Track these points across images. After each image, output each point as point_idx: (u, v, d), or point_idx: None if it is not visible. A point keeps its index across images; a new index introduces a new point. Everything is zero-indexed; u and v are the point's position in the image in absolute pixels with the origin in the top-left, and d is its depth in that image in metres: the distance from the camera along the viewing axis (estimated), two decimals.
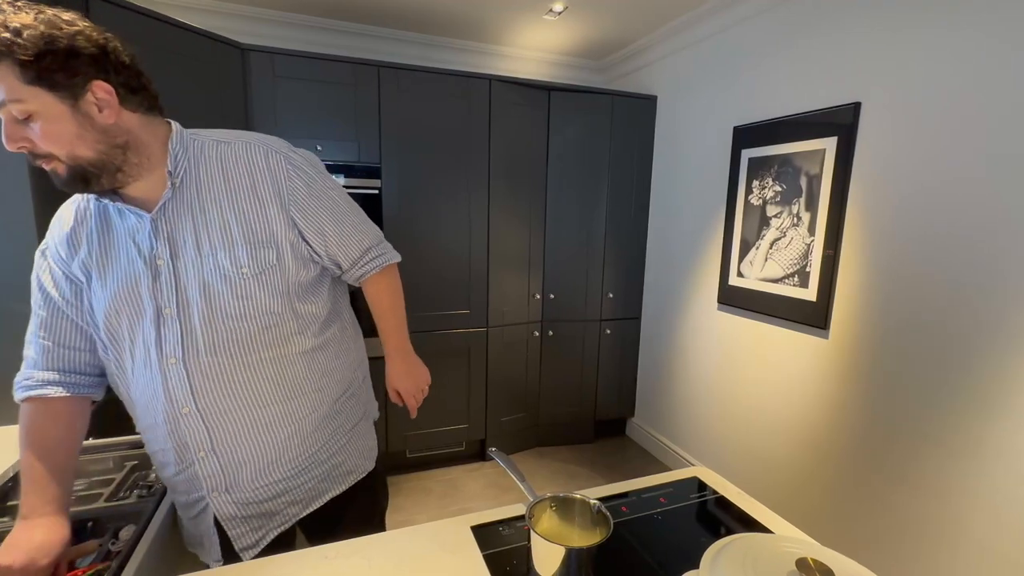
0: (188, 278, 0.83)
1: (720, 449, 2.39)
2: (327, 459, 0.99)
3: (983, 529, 1.37)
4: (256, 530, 0.93)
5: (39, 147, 0.71)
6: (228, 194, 0.86)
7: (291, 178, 0.89)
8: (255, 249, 0.85)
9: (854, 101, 1.69)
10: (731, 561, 0.68)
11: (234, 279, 0.84)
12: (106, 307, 0.82)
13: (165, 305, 0.82)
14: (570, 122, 2.59)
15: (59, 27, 0.68)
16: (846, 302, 1.74)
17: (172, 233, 0.83)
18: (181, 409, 0.84)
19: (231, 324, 0.85)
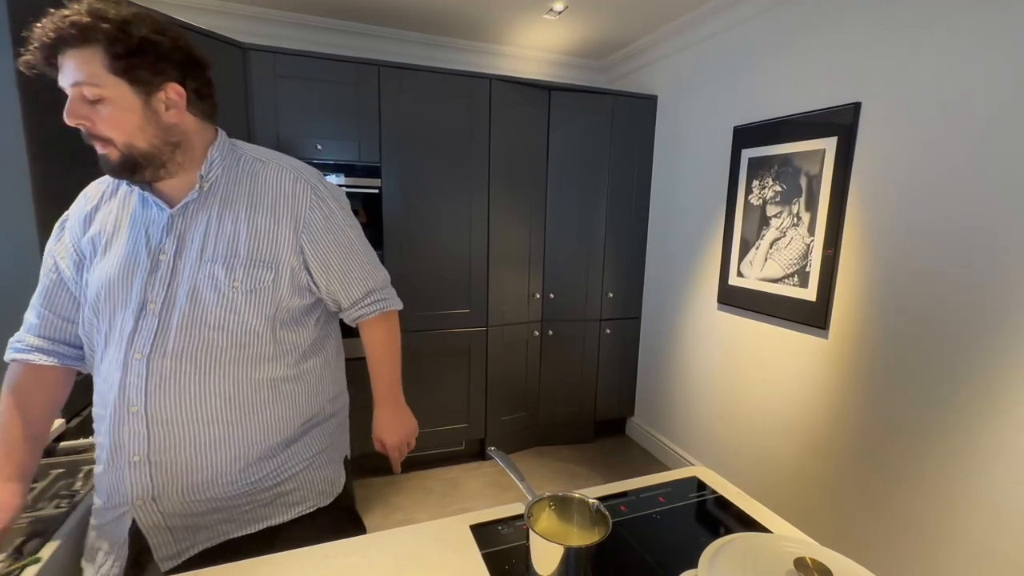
0: (182, 279, 0.83)
1: (720, 449, 2.39)
2: (272, 487, 0.92)
3: (982, 529, 1.37)
4: (180, 541, 0.88)
5: (99, 129, 0.74)
6: (248, 209, 0.87)
7: (312, 207, 0.90)
8: (254, 267, 0.85)
9: (854, 101, 1.69)
10: (729, 560, 0.68)
11: (224, 290, 0.84)
12: (98, 286, 0.84)
13: (151, 299, 0.82)
14: (571, 122, 2.59)
15: (159, 31, 0.75)
16: (846, 302, 1.74)
17: (183, 232, 0.84)
18: (130, 407, 0.81)
19: (207, 334, 0.83)
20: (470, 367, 2.58)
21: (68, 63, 0.72)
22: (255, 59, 2.03)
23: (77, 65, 0.71)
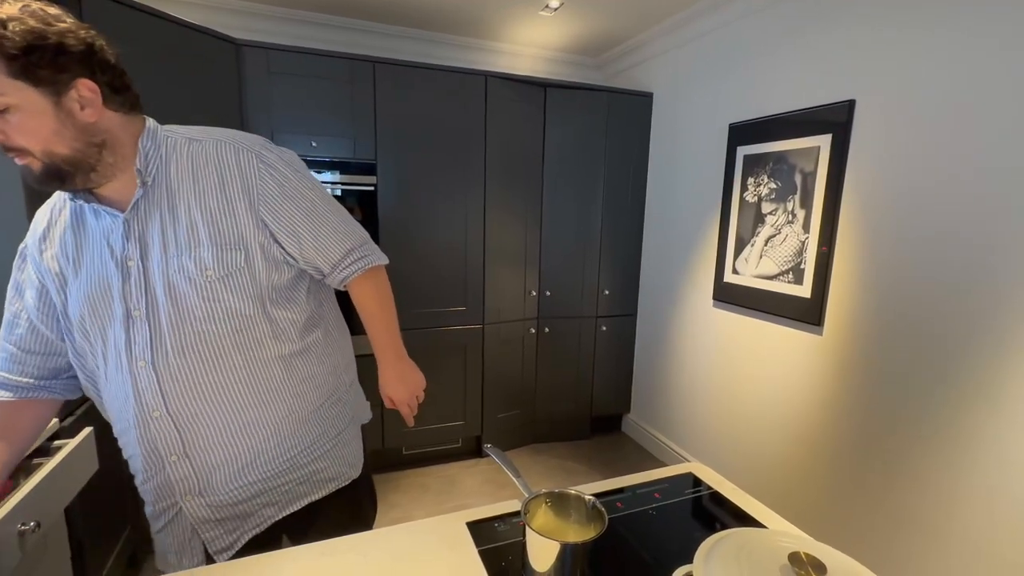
0: (156, 279, 0.81)
1: (715, 445, 2.40)
2: (307, 464, 0.96)
3: (975, 524, 1.39)
4: (231, 532, 0.91)
5: (13, 140, 0.69)
6: (196, 194, 0.83)
7: (262, 177, 0.86)
8: (221, 251, 0.83)
9: (848, 99, 1.69)
10: (724, 556, 0.68)
11: (199, 281, 0.82)
12: (79, 308, 0.82)
13: (135, 307, 0.81)
14: (566, 119, 2.59)
15: (48, 22, 0.67)
16: (840, 299, 1.75)
17: (143, 233, 0.81)
18: (152, 413, 0.83)
19: (199, 327, 0.83)
20: (466, 365, 2.58)
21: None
22: (248, 55, 2.02)
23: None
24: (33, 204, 1.24)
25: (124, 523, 1.70)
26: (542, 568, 0.71)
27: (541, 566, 0.71)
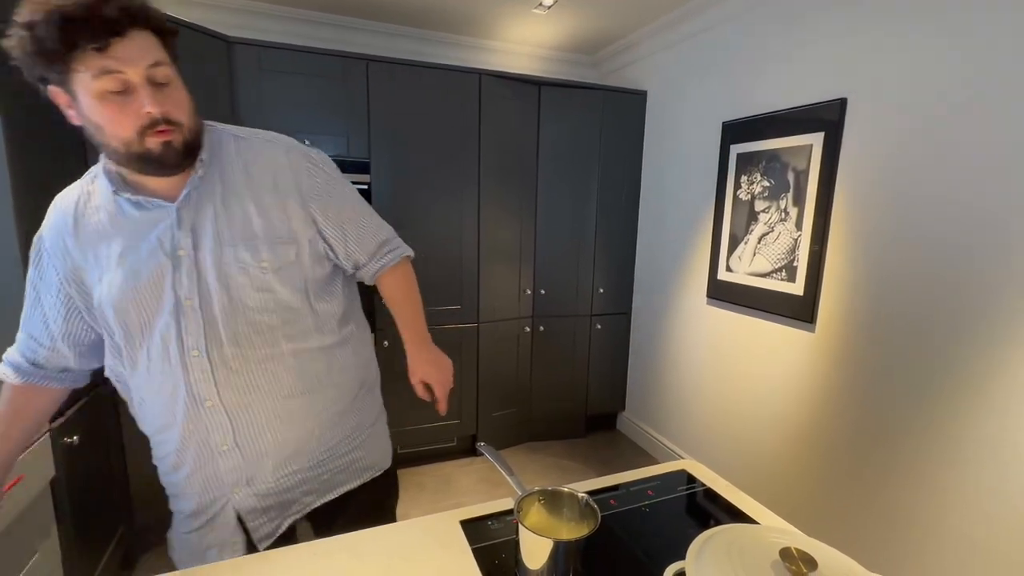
0: (207, 269, 0.82)
1: (710, 442, 2.41)
2: (346, 453, 0.99)
3: (968, 520, 1.40)
4: (273, 520, 0.93)
5: (172, 113, 0.73)
6: (250, 189, 0.85)
7: (312, 175, 0.90)
8: (275, 245, 0.85)
9: (840, 97, 1.70)
10: (716, 552, 0.69)
11: (254, 272, 0.84)
12: (121, 300, 0.80)
13: (186, 296, 0.81)
14: (561, 117, 2.59)
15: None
16: (832, 296, 1.77)
17: (195, 223, 0.82)
18: (205, 403, 0.84)
19: (252, 316, 0.84)
20: (461, 363, 2.58)
21: (130, 46, 0.67)
22: (240, 52, 2.00)
23: (144, 47, 0.69)
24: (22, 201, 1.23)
25: (116, 524, 1.69)
26: (535, 565, 0.71)
27: (534, 563, 0.71)
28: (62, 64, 0.66)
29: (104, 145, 0.73)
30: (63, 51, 0.64)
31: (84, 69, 0.66)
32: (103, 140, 0.72)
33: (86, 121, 0.71)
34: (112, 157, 0.76)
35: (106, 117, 0.69)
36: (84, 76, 0.66)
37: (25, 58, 0.66)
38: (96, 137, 0.72)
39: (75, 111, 0.71)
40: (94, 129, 0.71)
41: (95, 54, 0.65)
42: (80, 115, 0.71)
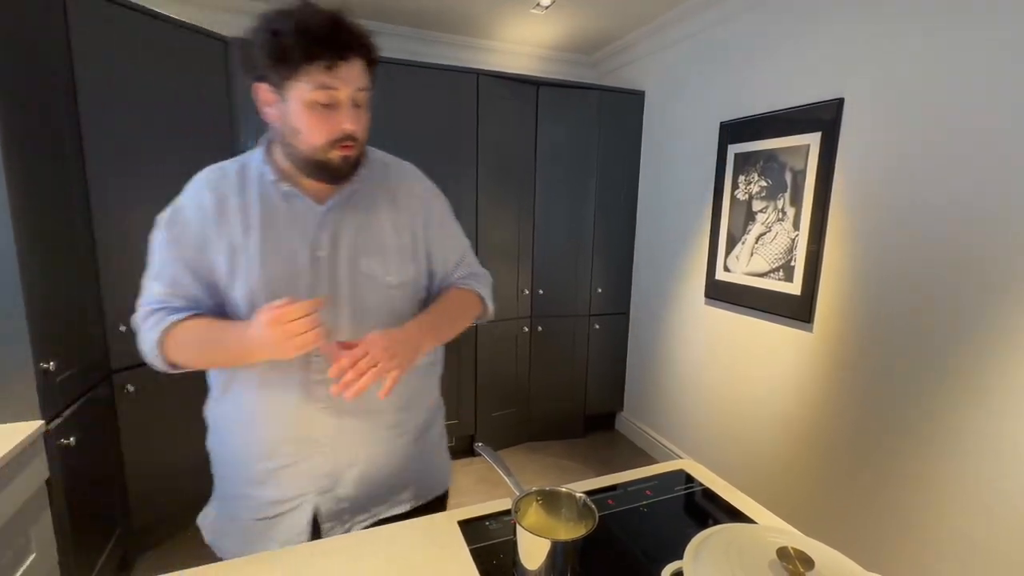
0: (342, 273, 0.85)
1: (708, 442, 2.42)
2: (422, 470, 1.01)
3: (966, 519, 1.40)
4: (344, 524, 0.94)
5: (359, 133, 0.80)
6: (391, 208, 0.90)
7: (434, 200, 0.98)
8: (403, 262, 0.91)
9: (837, 97, 1.70)
10: (714, 551, 0.69)
11: (381, 283, 0.88)
12: (258, 288, 0.81)
13: (321, 294, 0.83)
14: (559, 117, 2.59)
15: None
16: (830, 296, 1.77)
17: (336, 229, 0.85)
18: (318, 403, 0.85)
19: (372, 325, 0.85)
20: (460, 364, 2.58)
21: (350, 70, 0.75)
22: None
23: (359, 72, 0.76)
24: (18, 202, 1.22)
25: (113, 525, 1.69)
26: (533, 566, 0.71)
27: (532, 564, 0.71)
28: (291, 71, 0.73)
29: (291, 145, 0.79)
30: (300, 63, 0.72)
31: (307, 80, 0.73)
32: (293, 141, 0.78)
33: (284, 122, 0.77)
34: (291, 156, 0.81)
35: (307, 124, 0.76)
36: (303, 86, 0.73)
37: (260, 57, 0.73)
38: (287, 137, 0.79)
39: (275, 110, 0.78)
40: (289, 130, 0.77)
41: (323, 70, 0.73)
42: (280, 115, 0.77)
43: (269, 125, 0.82)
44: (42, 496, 1.26)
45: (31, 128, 1.32)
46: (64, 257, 1.46)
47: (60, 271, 1.43)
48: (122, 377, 1.72)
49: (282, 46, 0.71)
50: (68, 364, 1.42)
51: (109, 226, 1.65)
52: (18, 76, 1.27)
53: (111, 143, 1.63)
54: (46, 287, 1.34)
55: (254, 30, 0.74)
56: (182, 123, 1.83)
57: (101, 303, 1.64)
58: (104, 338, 1.66)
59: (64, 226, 1.47)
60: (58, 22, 1.46)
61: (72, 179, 1.52)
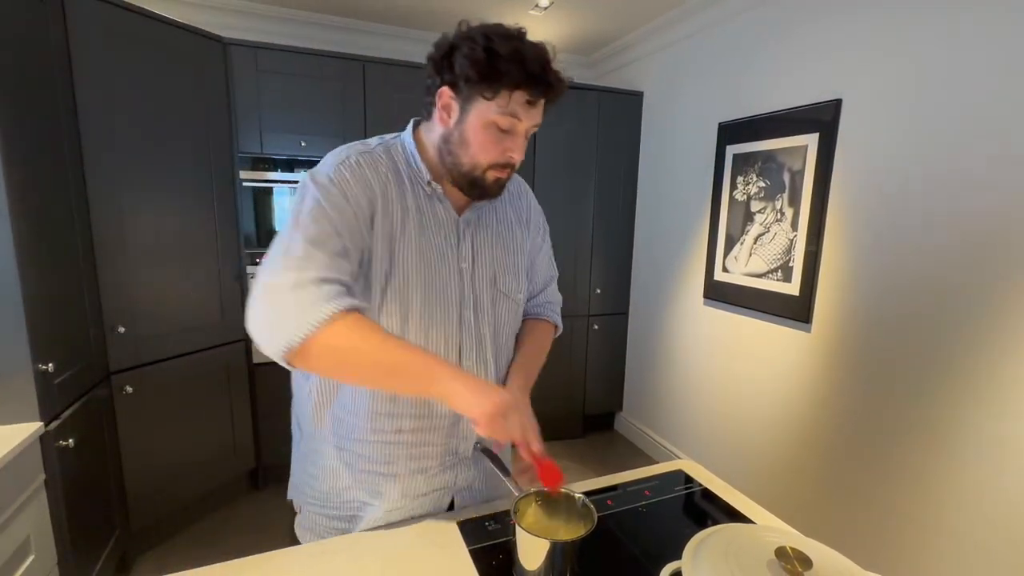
0: (483, 290, 0.86)
1: (707, 442, 2.42)
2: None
3: (963, 518, 1.41)
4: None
5: (519, 162, 0.80)
6: (517, 222, 0.93)
7: (538, 213, 1.01)
8: (522, 275, 0.93)
9: (835, 98, 1.71)
10: (712, 551, 0.69)
11: (513, 302, 0.91)
12: (411, 293, 0.78)
13: (465, 307, 0.84)
14: (558, 117, 2.59)
15: None
16: (828, 296, 1.77)
17: (475, 242, 0.86)
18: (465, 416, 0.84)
19: (504, 341, 0.90)
20: None
21: (539, 107, 0.76)
22: (236, 54, 2.00)
23: (542, 110, 0.77)
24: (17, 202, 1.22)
25: (112, 526, 1.69)
26: (532, 566, 0.71)
27: (531, 564, 0.71)
28: (490, 91, 0.71)
29: (453, 155, 0.78)
30: (504, 88, 0.71)
31: (499, 104, 0.72)
32: (457, 151, 0.77)
33: (456, 131, 0.76)
34: (449, 164, 0.79)
35: (479, 142, 0.75)
36: (492, 106, 0.73)
37: (464, 67, 0.72)
38: (453, 146, 0.77)
39: (451, 117, 0.76)
40: (458, 141, 0.77)
41: (520, 102, 0.73)
42: (454, 124, 0.76)
43: (427, 119, 0.82)
44: (41, 497, 1.26)
45: (30, 130, 1.32)
46: (63, 258, 1.46)
47: (59, 272, 1.43)
48: (120, 378, 1.72)
49: (495, 67, 0.70)
50: (67, 365, 1.42)
51: (108, 227, 1.65)
52: (17, 78, 1.27)
53: (110, 145, 1.63)
54: (45, 288, 1.34)
55: (465, 38, 0.74)
56: (181, 124, 1.83)
57: (100, 304, 1.64)
58: (103, 339, 1.66)
59: (63, 227, 1.47)
60: (57, 24, 1.46)
61: (71, 180, 1.51)
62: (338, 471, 0.86)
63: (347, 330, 0.67)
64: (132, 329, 1.73)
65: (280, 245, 0.71)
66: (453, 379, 0.70)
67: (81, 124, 1.55)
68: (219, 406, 2.09)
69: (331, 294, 0.67)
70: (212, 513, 2.13)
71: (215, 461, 2.08)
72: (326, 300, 0.66)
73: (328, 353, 0.68)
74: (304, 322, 0.65)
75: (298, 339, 0.65)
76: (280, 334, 0.66)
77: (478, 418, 0.68)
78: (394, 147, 0.83)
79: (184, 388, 1.93)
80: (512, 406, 0.71)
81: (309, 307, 0.66)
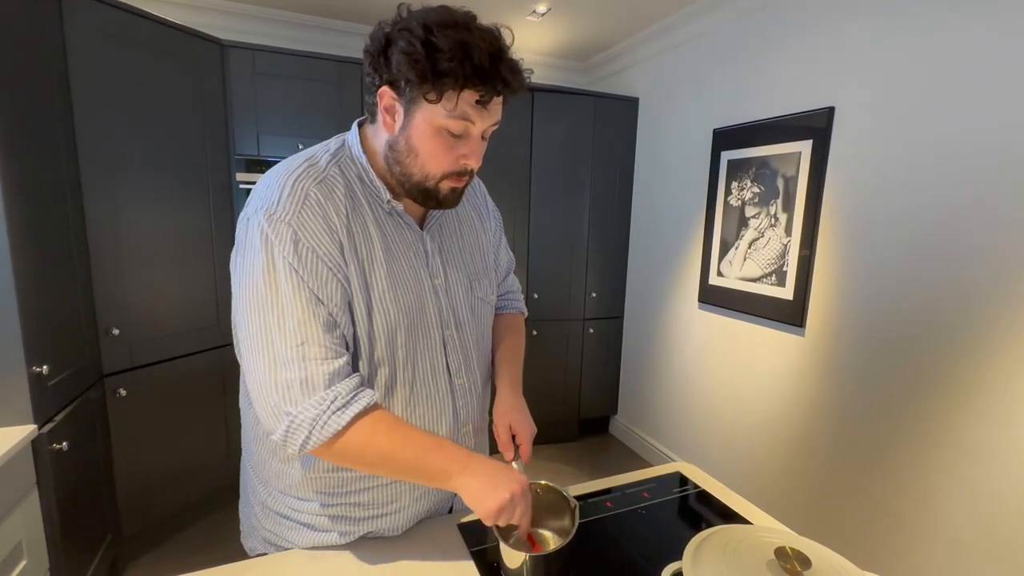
0: (461, 302, 0.82)
1: (701, 445, 2.43)
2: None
3: (955, 519, 1.43)
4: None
5: (477, 168, 0.73)
6: (479, 223, 0.90)
7: (492, 205, 0.97)
8: (492, 275, 0.90)
9: (828, 105, 1.74)
10: (712, 552, 0.70)
11: (490, 305, 0.89)
12: (394, 321, 0.72)
13: (446, 326, 0.80)
14: (554, 123, 2.61)
15: None
16: (821, 300, 1.80)
17: (443, 254, 0.81)
18: (463, 428, 0.84)
19: (485, 348, 0.89)
20: None
21: (496, 105, 0.68)
22: (233, 56, 2.00)
23: (499, 108, 0.69)
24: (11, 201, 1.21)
25: (104, 531, 1.66)
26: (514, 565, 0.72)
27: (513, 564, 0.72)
28: (434, 92, 0.62)
29: (401, 164, 0.69)
30: (448, 88, 0.62)
31: (446, 106, 0.63)
32: (406, 160, 0.69)
33: (402, 138, 0.67)
34: (397, 175, 0.71)
35: (428, 149, 0.67)
36: (439, 110, 0.64)
37: (402, 64, 0.62)
38: (400, 154, 0.69)
39: (395, 121, 0.67)
40: (405, 149, 0.68)
41: (470, 103, 0.64)
42: (399, 130, 0.67)
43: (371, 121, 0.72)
44: (33, 501, 1.24)
45: (25, 132, 1.31)
46: (58, 259, 1.45)
47: (53, 273, 1.42)
48: (113, 381, 1.70)
49: (435, 65, 0.60)
50: (61, 367, 1.40)
51: (103, 228, 1.64)
52: (12, 80, 1.26)
53: (105, 146, 1.62)
54: (39, 289, 1.32)
55: (403, 31, 0.62)
56: (177, 126, 1.82)
57: (94, 306, 1.63)
58: (96, 341, 1.64)
59: (58, 228, 1.46)
60: (52, 25, 1.45)
61: (66, 182, 1.50)
62: (323, 524, 0.79)
63: (366, 436, 0.66)
64: (126, 331, 1.71)
65: (263, 327, 0.64)
66: (463, 473, 0.68)
67: (77, 125, 1.54)
68: (213, 409, 2.07)
69: (346, 395, 0.65)
70: (205, 518, 2.11)
71: (209, 465, 2.06)
72: (342, 405, 0.64)
73: (343, 456, 0.67)
74: (322, 433, 0.64)
75: (314, 446, 0.64)
76: (295, 439, 0.64)
77: (484, 517, 0.68)
78: (343, 161, 0.73)
79: (178, 391, 1.92)
80: (518, 499, 0.68)
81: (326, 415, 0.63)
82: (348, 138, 0.76)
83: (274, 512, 0.81)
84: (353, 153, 0.74)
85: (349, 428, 0.65)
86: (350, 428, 0.65)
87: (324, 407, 0.64)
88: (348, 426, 0.64)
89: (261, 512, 0.84)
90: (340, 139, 0.77)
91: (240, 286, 0.68)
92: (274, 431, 0.65)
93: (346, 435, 0.65)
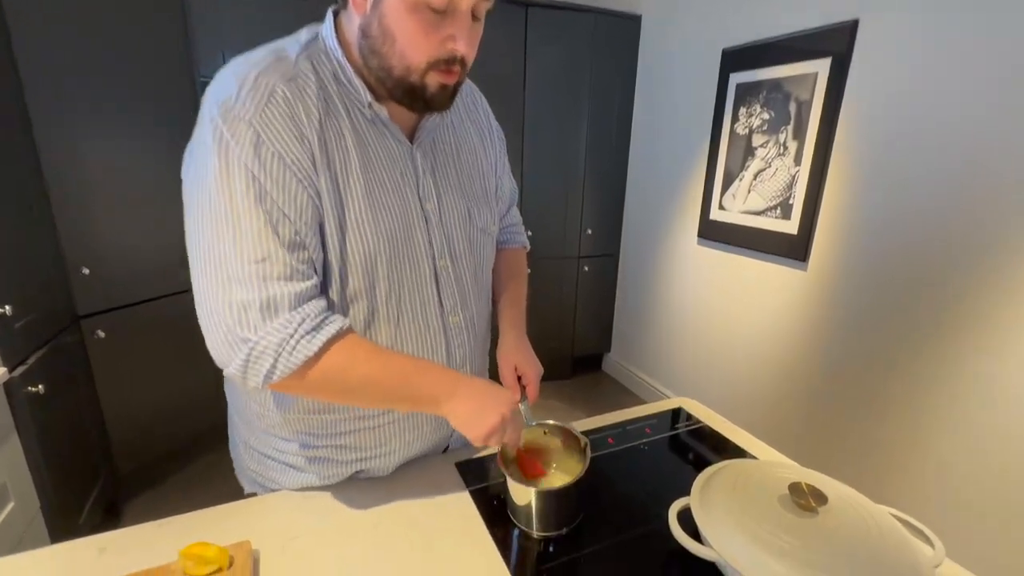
0: (453, 227, 0.72)
1: (696, 382, 2.46)
2: None
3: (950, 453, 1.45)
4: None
5: (470, 56, 0.60)
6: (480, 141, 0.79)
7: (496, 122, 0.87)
8: (493, 202, 0.81)
9: (852, 19, 1.58)
10: (721, 488, 0.67)
11: (491, 236, 0.80)
12: (372, 247, 0.63)
13: (439, 256, 0.71)
14: (549, 43, 2.40)
15: None
16: (827, 235, 1.73)
17: (435, 174, 0.71)
18: (464, 368, 0.78)
19: (485, 279, 0.81)
20: None
21: None
22: None
23: None
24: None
25: (97, 472, 1.66)
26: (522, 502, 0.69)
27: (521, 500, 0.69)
28: None
29: (378, 54, 0.58)
30: None
31: None
32: (382, 50, 0.57)
33: (375, 18, 0.56)
34: (375, 69, 0.59)
35: (408, 32, 0.55)
36: None
37: None
38: (374, 41, 0.57)
39: (368, 3, 0.56)
40: (379, 34, 0.56)
41: None
42: (373, 13, 0.56)
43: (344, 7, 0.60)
44: (13, 444, 1.21)
45: None
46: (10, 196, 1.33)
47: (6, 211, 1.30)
48: (90, 323, 1.63)
49: None
50: (27, 308, 1.32)
51: (60, 165, 1.50)
52: None
53: (51, 74, 1.45)
54: None
55: None
56: (129, 46, 1.62)
57: (58, 244, 1.52)
58: (66, 282, 1.55)
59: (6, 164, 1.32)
60: None
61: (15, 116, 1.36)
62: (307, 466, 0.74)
63: (342, 361, 0.58)
64: (97, 270, 1.62)
65: (215, 241, 0.54)
66: (452, 398, 0.64)
67: (16, 54, 1.38)
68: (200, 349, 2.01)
69: (315, 316, 0.57)
70: (204, 456, 2.12)
71: (201, 404, 2.04)
72: (312, 328, 0.56)
73: (315, 387, 0.59)
74: (290, 360, 0.55)
75: (281, 376, 0.56)
76: (257, 369, 0.55)
77: (474, 440, 0.65)
78: (316, 56, 0.61)
79: (163, 332, 1.85)
80: (508, 421, 0.65)
81: (294, 339, 0.55)
82: (322, 30, 0.64)
83: (258, 452, 0.78)
84: (327, 46, 0.62)
85: (324, 354, 0.57)
86: (324, 354, 0.57)
87: (291, 330, 0.55)
88: (322, 352, 0.57)
89: (246, 452, 0.80)
90: (312, 30, 0.64)
91: (190, 195, 0.57)
92: (229, 363, 0.56)
93: (320, 362, 0.57)
